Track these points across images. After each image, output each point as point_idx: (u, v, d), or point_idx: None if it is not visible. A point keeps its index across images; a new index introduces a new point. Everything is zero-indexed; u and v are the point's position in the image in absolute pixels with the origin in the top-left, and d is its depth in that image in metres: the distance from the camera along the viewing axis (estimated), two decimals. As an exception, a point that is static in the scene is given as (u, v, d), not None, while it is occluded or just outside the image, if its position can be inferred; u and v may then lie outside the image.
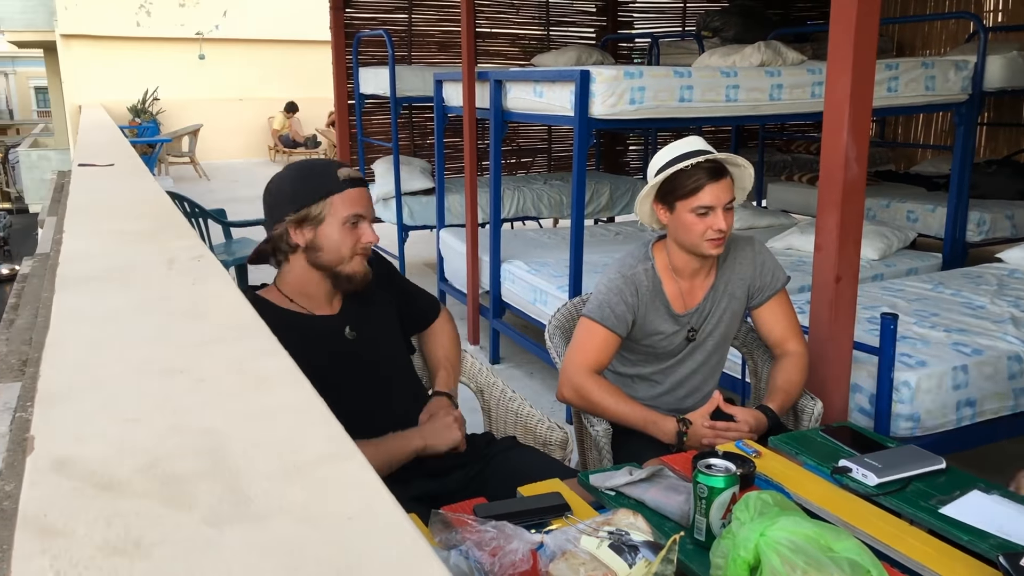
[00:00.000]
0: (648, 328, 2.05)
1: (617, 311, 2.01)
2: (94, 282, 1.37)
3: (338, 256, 1.72)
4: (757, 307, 2.12)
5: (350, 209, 1.70)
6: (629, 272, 2.04)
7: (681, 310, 2.06)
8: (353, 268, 1.74)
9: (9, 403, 1.92)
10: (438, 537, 1.20)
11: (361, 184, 1.74)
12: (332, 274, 1.75)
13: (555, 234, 5.03)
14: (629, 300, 2.01)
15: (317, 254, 1.72)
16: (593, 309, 2.03)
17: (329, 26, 6.08)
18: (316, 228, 1.69)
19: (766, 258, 2.11)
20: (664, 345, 2.08)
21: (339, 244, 1.70)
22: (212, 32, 13.15)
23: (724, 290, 2.08)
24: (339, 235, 1.70)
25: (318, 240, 1.70)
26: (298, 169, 1.76)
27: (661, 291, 2.05)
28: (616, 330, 2.01)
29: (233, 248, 5.06)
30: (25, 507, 0.64)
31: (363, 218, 1.73)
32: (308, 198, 1.68)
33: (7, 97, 42.66)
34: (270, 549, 0.57)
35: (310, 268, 1.74)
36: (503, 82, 3.91)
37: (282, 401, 0.82)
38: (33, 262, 3.43)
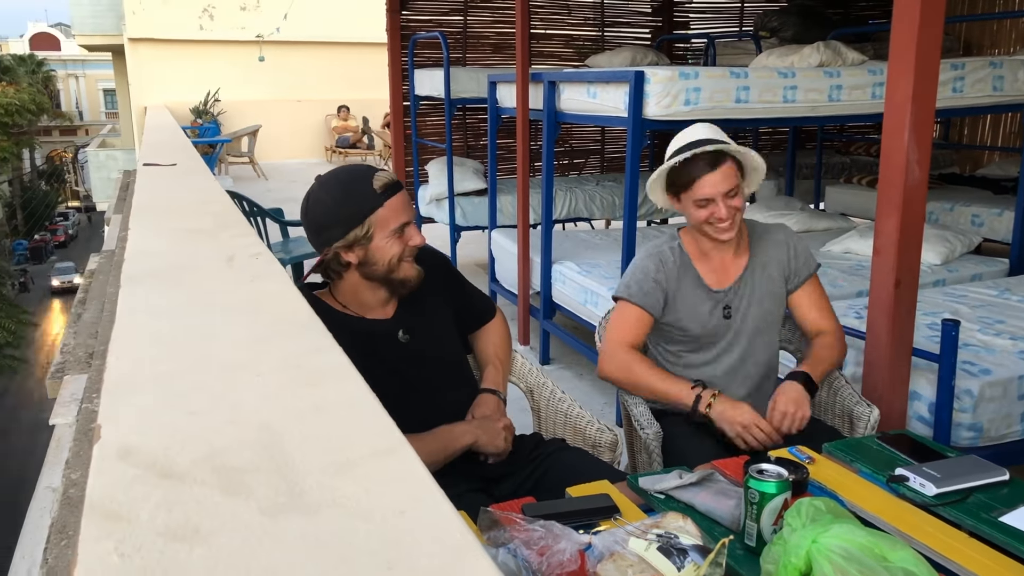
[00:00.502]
0: (682, 304, 2.07)
1: (645, 287, 2.04)
2: (157, 278, 1.41)
3: (390, 266, 1.73)
4: (792, 292, 2.13)
5: (395, 220, 1.70)
6: (655, 251, 2.10)
7: (715, 286, 2.08)
8: (405, 272, 1.76)
9: (76, 394, 2.00)
10: (486, 535, 1.21)
11: (398, 188, 1.73)
12: (387, 282, 1.77)
13: (607, 235, 5.01)
14: (657, 276, 2.05)
15: (370, 268, 1.73)
16: (621, 288, 2.09)
17: (385, 28, 6.15)
18: (366, 246, 1.70)
19: (797, 243, 2.14)
20: (702, 323, 2.08)
21: (390, 254, 1.72)
22: (272, 35, 13.41)
23: (762, 270, 2.09)
24: (389, 246, 1.71)
25: (370, 256, 1.72)
26: (334, 189, 1.72)
27: (691, 265, 2.08)
28: (646, 307, 2.04)
29: (290, 247, 5.16)
30: (92, 493, 0.67)
31: (408, 223, 1.74)
32: (352, 221, 1.68)
33: (77, 99, 44.14)
34: (323, 540, 0.59)
35: (364, 280, 1.76)
36: (556, 83, 3.91)
37: (336, 397, 0.84)
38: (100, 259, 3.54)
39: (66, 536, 1.35)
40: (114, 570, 0.56)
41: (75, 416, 1.83)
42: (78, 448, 1.64)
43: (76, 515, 1.39)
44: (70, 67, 42.80)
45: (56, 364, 2.21)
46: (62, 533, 1.35)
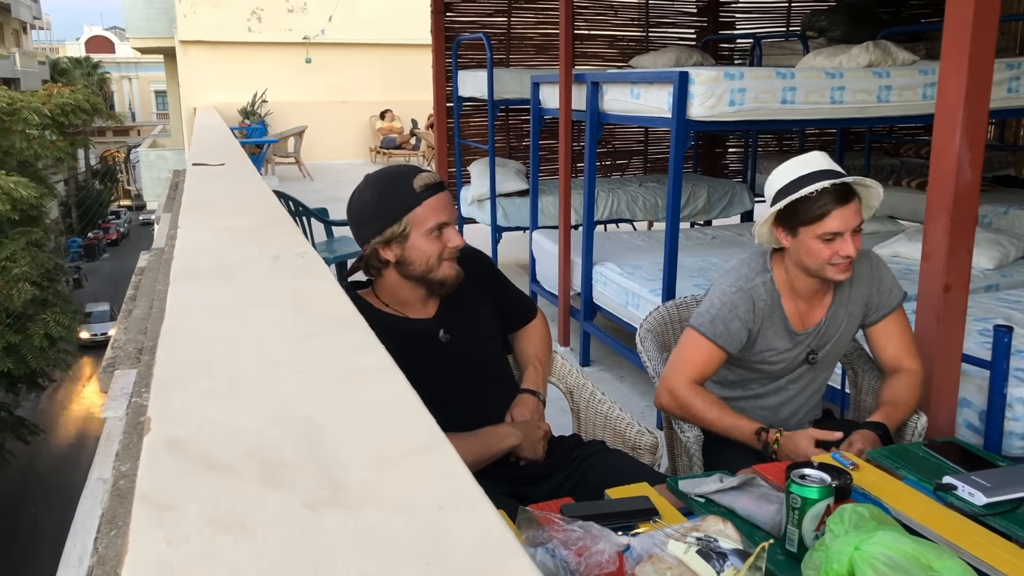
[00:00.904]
0: (762, 344, 1.97)
1: (731, 328, 1.92)
2: (205, 276, 1.44)
3: (427, 266, 1.74)
4: (872, 325, 2.02)
5: (433, 219, 1.71)
6: (747, 285, 1.94)
7: (799, 328, 1.98)
8: (444, 273, 1.76)
9: (126, 388, 2.05)
10: (525, 534, 1.22)
11: (439, 189, 1.73)
12: (425, 282, 1.77)
13: (649, 237, 4.98)
14: (744, 316, 1.92)
15: (408, 267, 1.74)
16: (705, 323, 1.94)
17: (430, 30, 6.20)
18: (403, 244, 1.72)
19: (883, 274, 2.01)
20: (776, 362, 2.00)
21: (427, 254, 1.73)
22: (318, 36, 13.59)
23: (844, 310, 1.99)
24: (426, 245, 1.72)
25: (407, 254, 1.73)
26: (376, 186, 1.75)
27: (779, 306, 1.95)
28: (726, 347, 1.93)
29: (334, 246, 5.22)
30: (141, 484, 0.68)
31: (447, 224, 1.74)
32: (390, 218, 1.70)
33: (130, 100, 45.24)
34: (364, 535, 0.60)
35: (401, 279, 1.78)
36: (600, 84, 3.90)
37: (378, 394, 0.85)
38: (149, 256, 3.63)
39: (115, 526, 1.39)
40: (163, 559, 0.58)
41: (125, 410, 1.87)
42: (127, 441, 1.68)
43: (126, 506, 1.43)
44: (124, 69, 43.90)
45: (107, 359, 2.27)
46: (112, 523, 1.39)
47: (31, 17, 32.97)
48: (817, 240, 1.82)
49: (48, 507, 13.95)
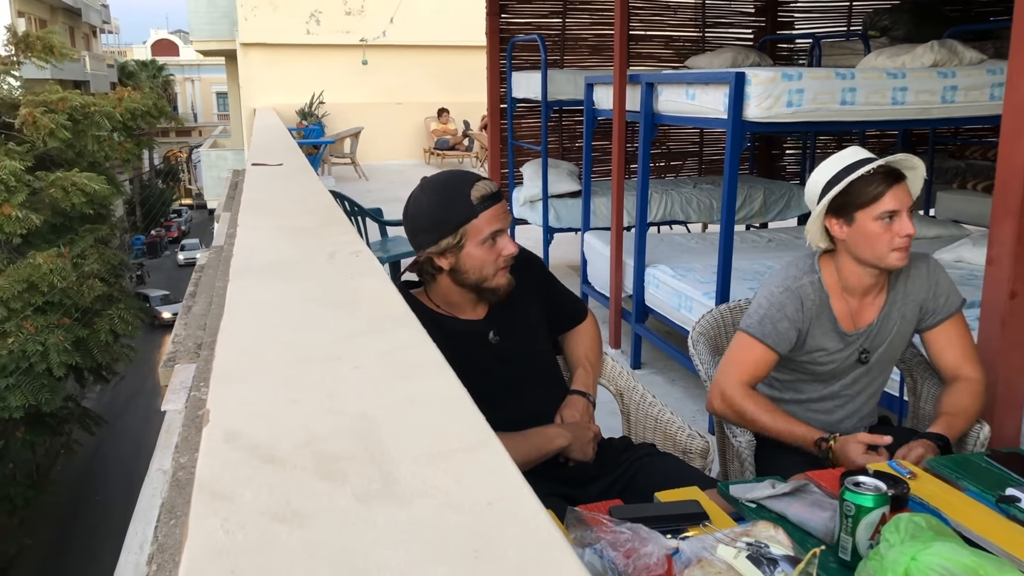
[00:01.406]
0: (811, 344, 1.95)
1: (780, 327, 1.90)
2: (263, 273, 1.48)
3: (481, 274, 1.74)
4: (928, 329, 1.98)
5: (487, 229, 1.71)
6: (794, 284, 1.92)
7: (849, 328, 1.94)
8: (497, 282, 1.76)
9: (185, 382, 2.10)
10: (573, 534, 1.22)
11: (496, 200, 1.73)
12: (478, 290, 1.78)
13: (703, 239, 4.93)
14: (792, 315, 1.90)
15: (462, 275, 1.75)
16: (753, 324, 1.93)
17: (485, 32, 6.23)
18: (458, 254, 1.72)
19: (941, 278, 1.97)
20: (827, 363, 1.97)
21: (482, 263, 1.73)
22: (377, 39, 13.75)
23: (897, 311, 1.95)
24: (480, 254, 1.72)
25: (461, 263, 1.73)
26: (433, 194, 1.75)
27: (828, 306, 1.93)
28: (776, 348, 1.91)
29: (388, 246, 5.28)
30: (201, 473, 0.71)
31: (501, 232, 1.74)
32: (446, 228, 1.70)
33: (192, 102, 46.42)
34: (414, 528, 0.61)
35: (455, 286, 1.79)
36: (654, 84, 3.87)
37: (429, 390, 0.87)
38: (209, 254, 3.72)
39: (174, 516, 1.43)
40: (220, 546, 0.59)
41: (184, 403, 1.93)
42: (186, 433, 1.73)
43: (184, 496, 1.47)
44: (187, 71, 45.08)
45: (168, 354, 2.33)
46: (171, 513, 1.43)
47: (100, 21, 34.07)
48: (876, 222, 1.81)
49: (111, 495, 14.40)
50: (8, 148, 9.72)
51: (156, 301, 23.99)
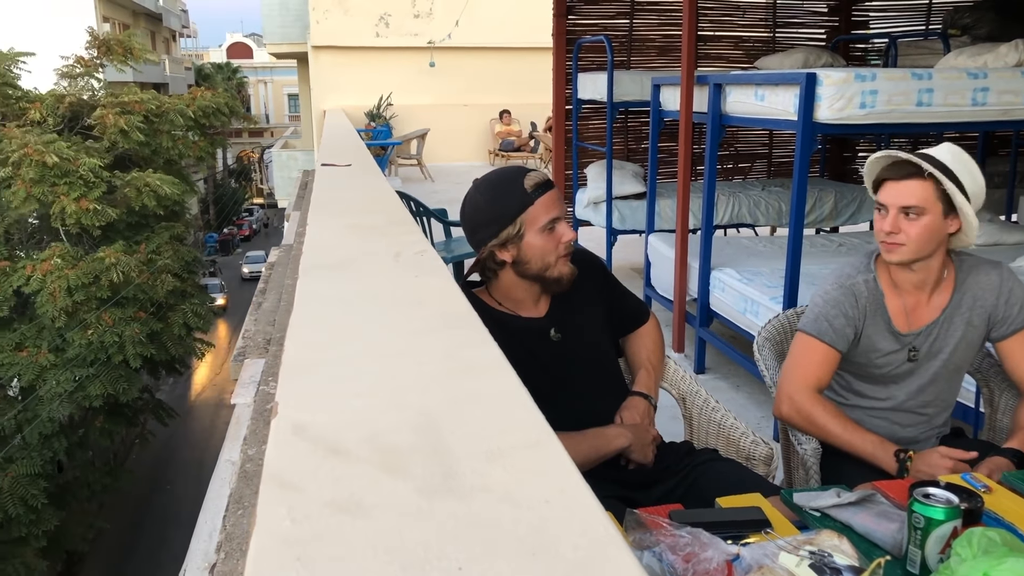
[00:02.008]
0: (865, 343, 1.92)
1: (836, 324, 1.89)
2: (330, 271, 1.51)
3: (544, 263, 1.77)
4: (1000, 340, 1.91)
5: (545, 216, 1.73)
6: (848, 282, 1.91)
7: (904, 328, 1.90)
8: (560, 270, 1.78)
9: (255, 377, 2.16)
10: (632, 537, 1.21)
11: (549, 187, 1.76)
12: (541, 280, 1.80)
13: (771, 243, 4.84)
14: (849, 312, 1.89)
15: (525, 266, 1.77)
16: (809, 323, 1.92)
17: (551, 33, 6.23)
18: (519, 244, 1.75)
19: (1015, 287, 1.89)
20: (881, 364, 1.93)
21: (543, 252, 1.75)
22: (443, 41, 13.89)
23: (961, 317, 1.89)
24: (541, 243, 1.74)
25: (523, 254, 1.75)
26: (487, 190, 1.79)
27: (883, 305, 1.90)
28: (836, 345, 1.89)
29: (452, 246, 5.33)
30: (269, 464, 0.73)
31: (559, 219, 1.76)
32: (505, 219, 1.73)
33: (265, 103, 47.63)
34: (473, 523, 0.62)
35: (519, 278, 1.80)
36: (723, 85, 3.82)
37: (490, 388, 0.88)
38: (279, 252, 3.81)
39: (242, 506, 1.47)
40: (287, 534, 0.61)
41: (253, 397, 1.98)
42: (255, 426, 1.78)
43: (251, 487, 1.51)
44: (260, 73, 46.29)
45: (238, 349, 2.40)
46: (239, 503, 1.47)
47: (180, 26, 35.24)
48: (876, 211, 1.83)
49: (183, 484, 14.86)
50: (86, 146, 10.12)
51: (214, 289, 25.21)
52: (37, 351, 9.58)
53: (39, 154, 9.16)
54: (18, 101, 10.83)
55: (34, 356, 9.51)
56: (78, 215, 9.34)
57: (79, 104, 11.06)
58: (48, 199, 9.35)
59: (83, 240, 10.25)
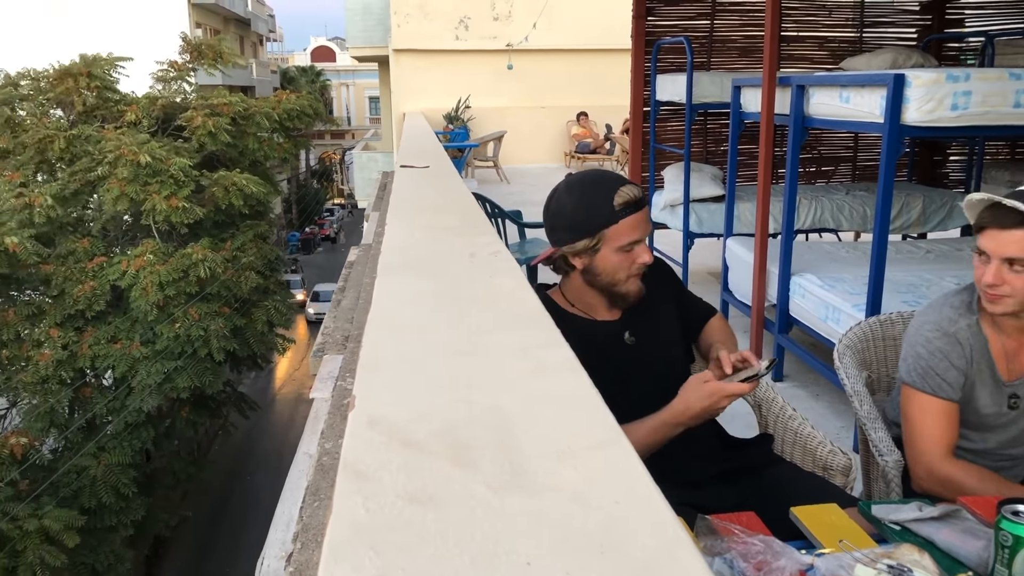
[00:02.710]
0: (968, 392, 1.79)
1: (948, 377, 1.74)
2: (407, 270, 1.54)
3: (614, 279, 1.76)
4: None
5: (627, 237, 1.71)
6: (951, 328, 1.76)
7: (1007, 377, 1.77)
8: (628, 288, 1.77)
9: (333, 372, 2.21)
10: (703, 543, 1.20)
11: (639, 207, 1.72)
12: (608, 293, 1.79)
13: (855, 248, 4.70)
14: (957, 363, 1.74)
15: (594, 277, 1.77)
16: (918, 378, 1.76)
17: (630, 34, 6.19)
18: (593, 256, 1.74)
19: None
20: (980, 411, 1.81)
21: (615, 269, 1.74)
22: (521, 43, 13.95)
23: None
24: (615, 260, 1.72)
25: (594, 266, 1.75)
26: (576, 194, 1.77)
27: (987, 351, 1.76)
28: (953, 397, 1.75)
29: (526, 248, 5.35)
30: (345, 454, 0.75)
31: (639, 241, 1.73)
32: (584, 231, 1.72)
33: (346, 106, 48.69)
34: (542, 520, 0.63)
35: (586, 285, 1.80)
36: (806, 87, 3.74)
37: (561, 388, 0.88)
38: (358, 251, 3.89)
39: (318, 498, 1.51)
40: (361, 522, 0.63)
41: (331, 392, 2.03)
42: (332, 421, 1.82)
43: (328, 480, 1.55)
44: (342, 76, 47.35)
45: (317, 345, 2.47)
46: (315, 495, 1.52)
47: (267, 31, 36.35)
48: (976, 256, 1.67)
49: (262, 475, 15.32)
50: (177, 146, 10.54)
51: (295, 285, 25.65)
52: (130, 343, 10.02)
53: (133, 154, 9.59)
54: (116, 104, 11.37)
55: (127, 348, 9.96)
56: (168, 213, 9.75)
57: (171, 106, 11.54)
58: (140, 197, 9.78)
59: (172, 237, 10.68)
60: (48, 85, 11.33)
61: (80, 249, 10.24)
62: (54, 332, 9.89)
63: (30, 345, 9.91)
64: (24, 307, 10.10)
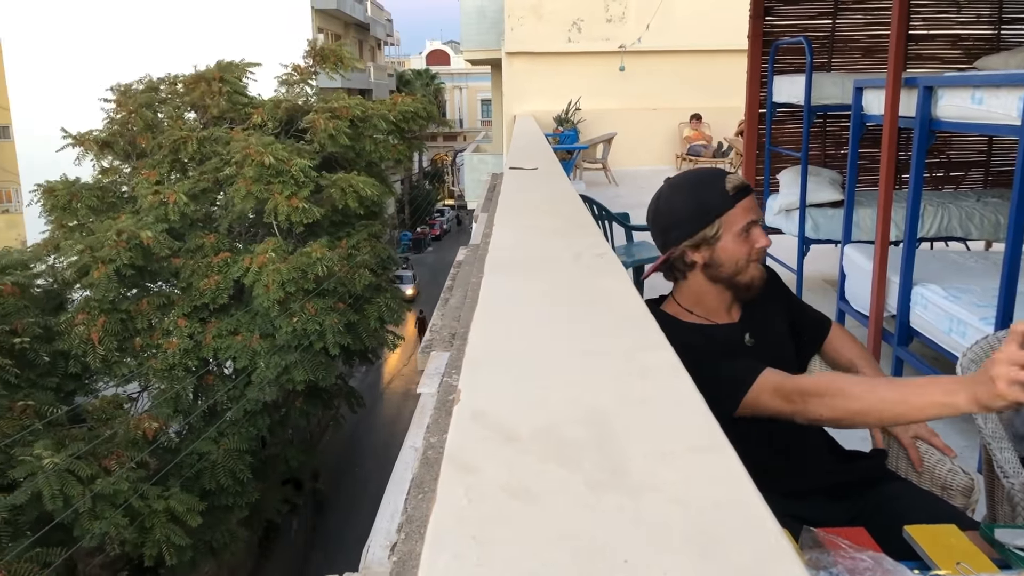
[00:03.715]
0: None
1: None
2: (514, 270, 1.56)
3: (736, 267, 1.74)
4: None
5: (743, 220, 1.72)
6: None
7: None
8: (751, 275, 1.76)
9: (439, 369, 2.26)
10: (808, 555, 1.17)
11: (748, 192, 1.74)
12: (731, 285, 1.77)
13: (984, 258, 4.44)
14: None
15: (716, 270, 1.75)
16: None
17: (747, 35, 6.05)
18: (713, 246, 1.73)
19: None
20: None
21: (736, 256, 1.73)
22: (634, 45, 13.84)
23: None
24: (735, 246, 1.72)
25: (716, 257, 1.74)
26: (686, 190, 1.78)
27: None
28: None
29: (633, 250, 5.31)
30: (450, 446, 0.78)
31: (755, 223, 1.74)
32: (703, 221, 1.72)
33: (459, 108, 49.55)
34: (641, 520, 0.63)
35: (708, 282, 1.78)
36: (934, 88, 3.56)
37: (663, 391, 0.88)
38: (467, 251, 3.96)
39: (423, 491, 1.55)
40: (463, 512, 0.65)
41: (437, 387, 2.08)
42: (437, 416, 1.87)
43: (432, 473, 1.59)
44: (456, 79, 48.22)
45: (425, 341, 2.53)
46: (420, 488, 1.56)
47: (385, 35, 37.40)
48: None
49: (369, 466, 15.77)
50: (298, 148, 10.99)
51: (406, 280, 26.42)
52: (251, 336, 10.52)
53: (259, 155, 10.06)
54: (244, 107, 11.96)
55: (247, 341, 10.46)
56: (288, 212, 10.18)
57: (294, 109, 12.04)
58: (263, 196, 10.25)
59: (291, 235, 11.14)
60: (184, 89, 12.03)
61: (207, 244, 10.82)
62: (182, 322, 10.49)
63: (160, 334, 10.53)
64: (156, 298, 10.74)
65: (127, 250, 9.59)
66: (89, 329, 9.80)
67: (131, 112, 11.59)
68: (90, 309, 10.03)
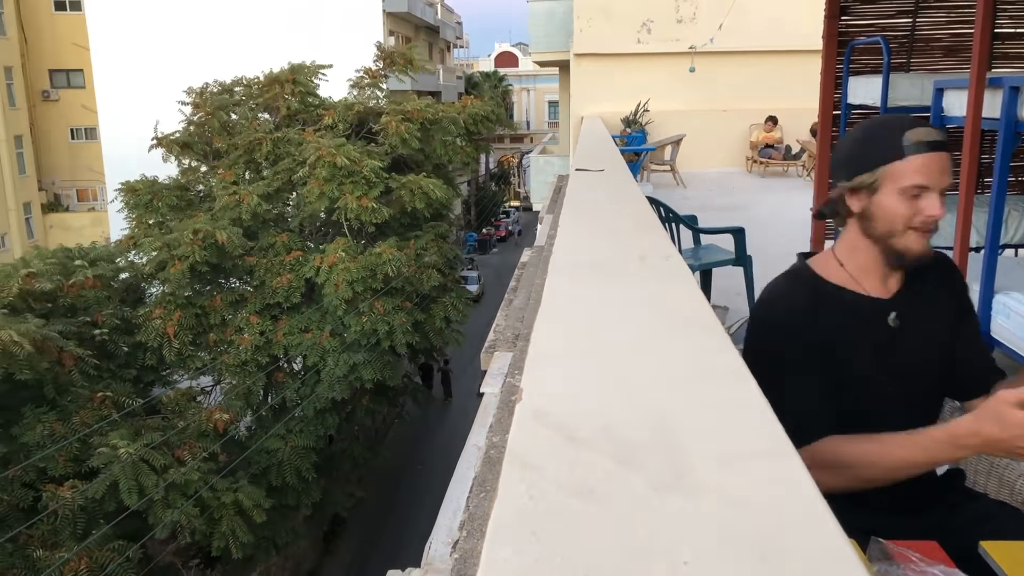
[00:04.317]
0: None
1: None
2: (578, 271, 1.57)
3: (890, 228, 1.55)
4: None
5: (911, 179, 1.50)
6: None
7: None
8: (905, 243, 1.55)
9: (502, 368, 2.28)
10: (876, 566, 1.14)
11: (935, 148, 1.51)
12: (883, 247, 1.58)
13: (1072, 267, 4.25)
14: None
15: (870, 224, 1.57)
16: None
17: (822, 35, 5.91)
18: (870, 197, 1.55)
19: None
20: None
21: (893, 215, 1.53)
22: (705, 46, 13.66)
23: None
24: (894, 205, 1.53)
25: (871, 209, 1.56)
26: (862, 129, 1.64)
27: None
28: None
29: (700, 254, 5.24)
30: (512, 444, 0.78)
31: (927, 189, 1.51)
32: (862, 165, 1.55)
33: (526, 110, 49.69)
34: (701, 521, 0.63)
35: (862, 235, 1.61)
36: (1021, 88, 3.43)
37: (728, 395, 0.87)
38: (531, 252, 3.97)
39: (484, 489, 1.57)
40: (524, 509, 0.66)
41: (500, 387, 2.10)
42: (500, 415, 1.88)
43: (494, 472, 1.60)
44: (524, 81, 48.38)
45: (489, 341, 2.55)
46: (482, 486, 1.57)
47: (454, 37, 37.75)
48: None
49: (433, 464, 15.92)
50: (369, 149, 11.18)
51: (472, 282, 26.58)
52: (320, 333, 10.74)
53: (331, 156, 10.27)
54: (316, 108, 12.23)
55: (317, 338, 10.69)
56: (358, 212, 10.36)
57: (365, 111, 12.26)
58: (335, 196, 10.46)
59: (361, 234, 11.34)
60: (258, 91, 12.36)
61: (279, 243, 11.09)
62: (254, 319, 10.78)
63: (232, 330, 10.84)
64: (229, 295, 11.06)
65: (202, 248, 9.89)
66: (165, 323, 10.15)
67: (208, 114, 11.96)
68: (166, 304, 10.38)
